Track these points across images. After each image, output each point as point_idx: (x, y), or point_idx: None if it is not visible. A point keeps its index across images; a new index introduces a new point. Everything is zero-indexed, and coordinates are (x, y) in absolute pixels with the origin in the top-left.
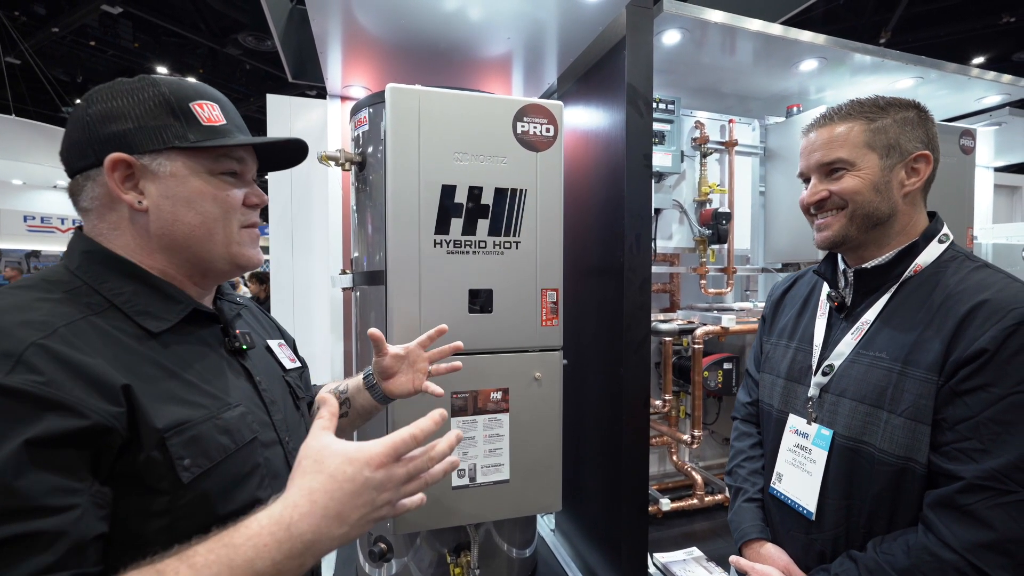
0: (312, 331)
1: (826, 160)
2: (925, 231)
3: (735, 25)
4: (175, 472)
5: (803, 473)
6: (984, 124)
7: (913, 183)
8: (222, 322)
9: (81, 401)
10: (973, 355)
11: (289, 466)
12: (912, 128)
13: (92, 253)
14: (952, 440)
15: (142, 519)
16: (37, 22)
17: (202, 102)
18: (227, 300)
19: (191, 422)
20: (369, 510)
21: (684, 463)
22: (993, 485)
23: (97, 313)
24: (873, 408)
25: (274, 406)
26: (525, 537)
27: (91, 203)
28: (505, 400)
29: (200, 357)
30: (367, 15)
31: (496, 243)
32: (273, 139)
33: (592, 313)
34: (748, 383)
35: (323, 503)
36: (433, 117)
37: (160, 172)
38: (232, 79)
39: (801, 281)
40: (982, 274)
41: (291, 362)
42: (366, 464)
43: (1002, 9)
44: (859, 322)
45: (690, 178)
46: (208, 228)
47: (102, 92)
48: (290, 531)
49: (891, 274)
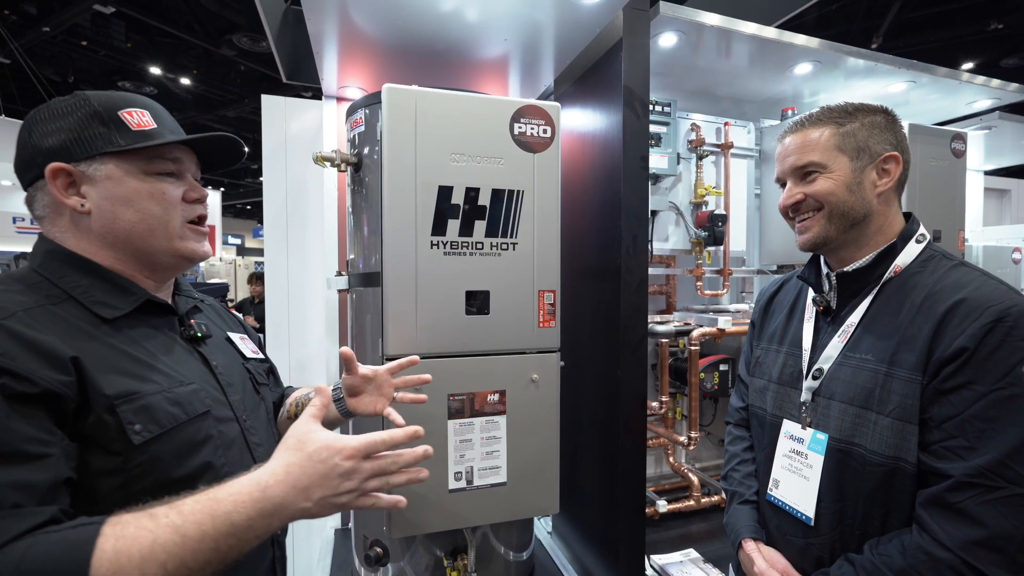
0: (307, 333)
1: (799, 164)
2: (902, 232)
3: (731, 28)
4: (126, 435)
5: (800, 479)
6: (975, 128)
7: (885, 183)
8: (177, 313)
9: (32, 372)
10: (954, 354)
11: (246, 440)
12: (880, 131)
13: (52, 252)
14: (939, 439)
15: (96, 476)
16: (28, 21)
17: (131, 110)
18: (184, 295)
19: (141, 393)
20: (331, 493)
21: (681, 465)
22: (981, 482)
23: (56, 303)
24: (862, 410)
25: (231, 388)
26: (522, 540)
27: (43, 210)
28: (502, 402)
29: (153, 342)
30: (363, 15)
31: (493, 244)
32: (198, 136)
33: (589, 315)
34: (740, 388)
35: (295, 475)
36: (430, 118)
37: (97, 176)
38: (227, 80)
39: (787, 285)
40: (958, 273)
41: (252, 353)
42: (339, 452)
43: (990, 16)
44: (844, 325)
45: (686, 180)
46: (148, 224)
47: (41, 111)
48: (264, 492)
49: (872, 276)
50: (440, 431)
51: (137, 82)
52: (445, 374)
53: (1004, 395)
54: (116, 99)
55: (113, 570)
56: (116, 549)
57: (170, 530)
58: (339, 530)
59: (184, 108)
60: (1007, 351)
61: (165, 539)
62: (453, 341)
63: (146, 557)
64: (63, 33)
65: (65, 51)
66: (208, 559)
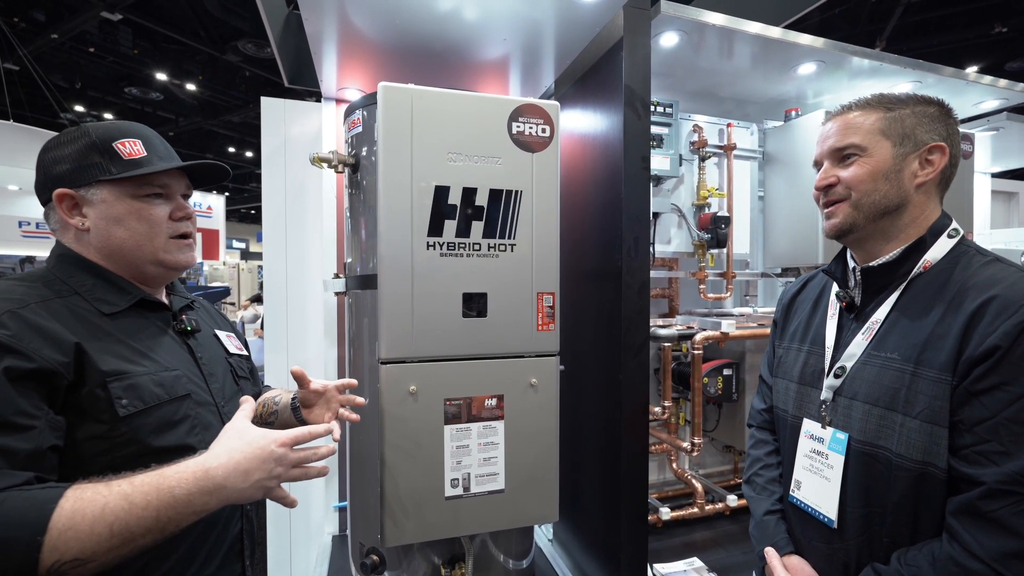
0: (306, 336)
1: (839, 145)
2: (933, 226)
3: (733, 28)
4: (113, 407)
5: (821, 479)
6: (982, 129)
7: (927, 174)
8: (170, 310)
9: (36, 351)
10: (986, 353)
11: (222, 422)
12: (931, 121)
13: (64, 256)
14: (971, 443)
15: (84, 442)
16: (36, 28)
17: (124, 140)
18: (178, 295)
19: (131, 374)
20: (265, 476)
21: (684, 471)
22: (1016, 489)
23: (64, 297)
24: (887, 411)
25: (212, 377)
26: (522, 548)
27: (55, 225)
28: (500, 407)
29: (146, 334)
30: (361, 16)
31: (491, 246)
32: (181, 164)
33: (590, 318)
34: (763, 389)
35: (236, 459)
36: (426, 116)
37: (94, 200)
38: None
39: (811, 283)
40: (993, 268)
41: (236, 350)
42: (274, 440)
43: (994, 19)
44: (869, 321)
45: (689, 182)
46: (136, 240)
47: (51, 142)
48: (207, 473)
49: (899, 271)
50: (436, 437)
51: (144, 88)
52: (441, 378)
53: None
54: (112, 130)
55: (68, 526)
56: (73, 509)
57: (120, 497)
58: (336, 537)
59: (190, 113)
60: None
61: (115, 504)
62: (450, 344)
63: (96, 517)
64: (71, 40)
65: (73, 57)
66: (148, 527)
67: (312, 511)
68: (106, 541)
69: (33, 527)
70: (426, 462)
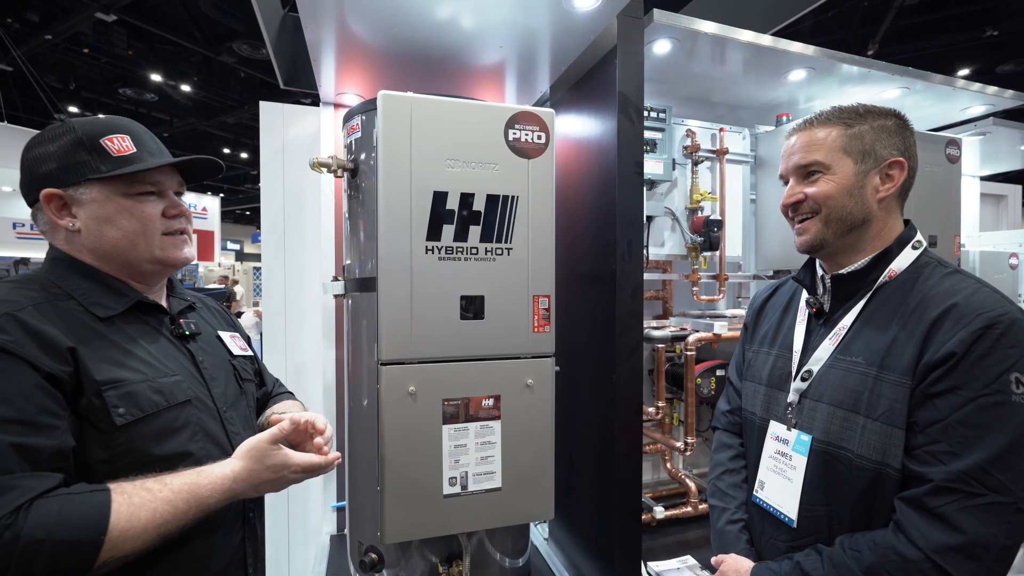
0: (304, 338)
1: (803, 162)
2: (899, 237)
3: (726, 36)
4: (110, 417)
5: (784, 480)
6: (969, 134)
7: (887, 189)
8: (168, 313)
9: (36, 358)
10: (943, 358)
11: (224, 428)
12: (889, 135)
13: (57, 259)
14: (923, 443)
15: (88, 450)
16: (30, 29)
17: (113, 136)
18: (178, 297)
19: (127, 381)
20: (274, 488)
21: (678, 471)
22: (961, 487)
23: (60, 300)
24: (850, 413)
25: (214, 382)
26: (518, 546)
27: (44, 227)
28: (497, 407)
29: (144, 337)
30: (360, 23)
31: (488, 249)
32: (173, 160)
33: (584, 320)
34: (729, 391)
35: (255, 480)
36: (425, 124)
37: (84, 199)
38: (227, 87)
39: (782, 289)
40: (953, 279)
41: (240, 351)
42: (288, 467)
43: (985, 23)
44: (836, 327)
45: (682, 186)
46: (130, 239)
47: (34, 139)
48: (233, 485)
49: (866, 280)
50: (434, 436)
51: (138, 89)
52: (440, 379)
53: (990, 401)
54: (98, 126)
55: (127, 527)
56: (129, 513)
57: (166, 503)
58: (334, 536)
59: (185, 115)
60: (995, 358)
61: (163, 510)
62: (448, 346)
63: (148, 521)
64: (65, 41)
65: (67, 58)
66: (182, 526)
67: (310, 511)
68: (151, 541)
69: (96, 529)
70: (424, 461)
